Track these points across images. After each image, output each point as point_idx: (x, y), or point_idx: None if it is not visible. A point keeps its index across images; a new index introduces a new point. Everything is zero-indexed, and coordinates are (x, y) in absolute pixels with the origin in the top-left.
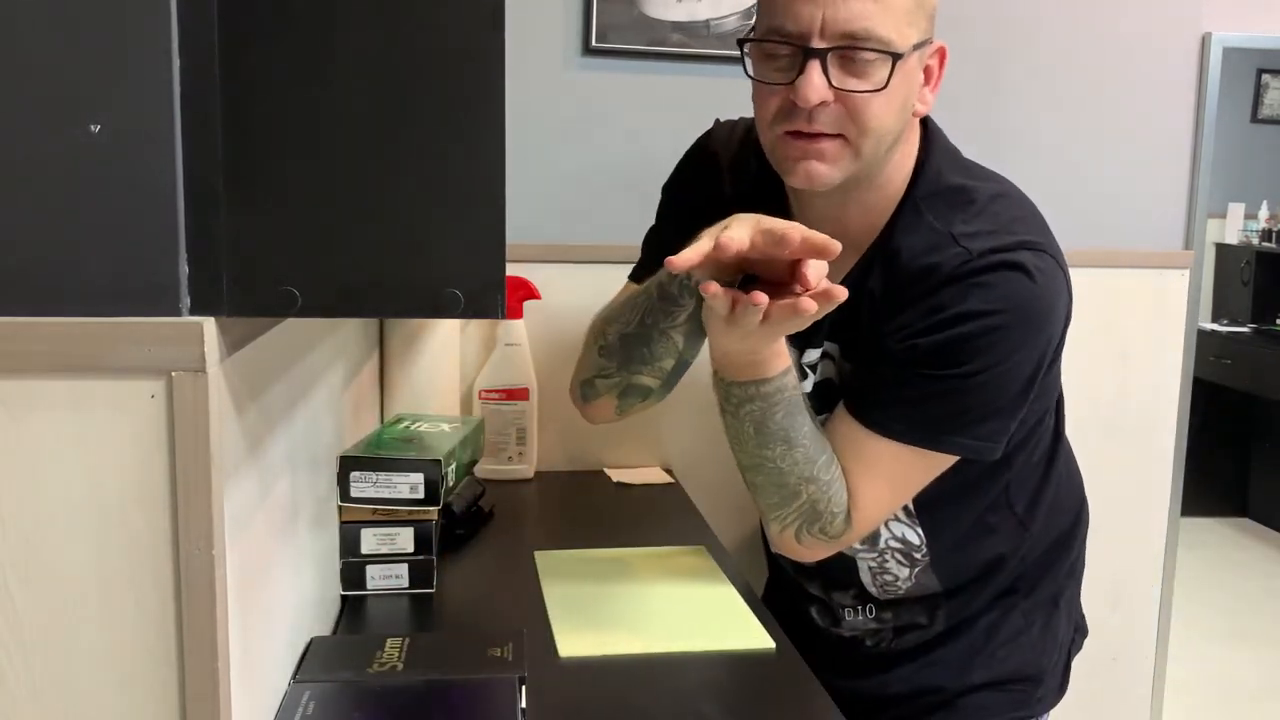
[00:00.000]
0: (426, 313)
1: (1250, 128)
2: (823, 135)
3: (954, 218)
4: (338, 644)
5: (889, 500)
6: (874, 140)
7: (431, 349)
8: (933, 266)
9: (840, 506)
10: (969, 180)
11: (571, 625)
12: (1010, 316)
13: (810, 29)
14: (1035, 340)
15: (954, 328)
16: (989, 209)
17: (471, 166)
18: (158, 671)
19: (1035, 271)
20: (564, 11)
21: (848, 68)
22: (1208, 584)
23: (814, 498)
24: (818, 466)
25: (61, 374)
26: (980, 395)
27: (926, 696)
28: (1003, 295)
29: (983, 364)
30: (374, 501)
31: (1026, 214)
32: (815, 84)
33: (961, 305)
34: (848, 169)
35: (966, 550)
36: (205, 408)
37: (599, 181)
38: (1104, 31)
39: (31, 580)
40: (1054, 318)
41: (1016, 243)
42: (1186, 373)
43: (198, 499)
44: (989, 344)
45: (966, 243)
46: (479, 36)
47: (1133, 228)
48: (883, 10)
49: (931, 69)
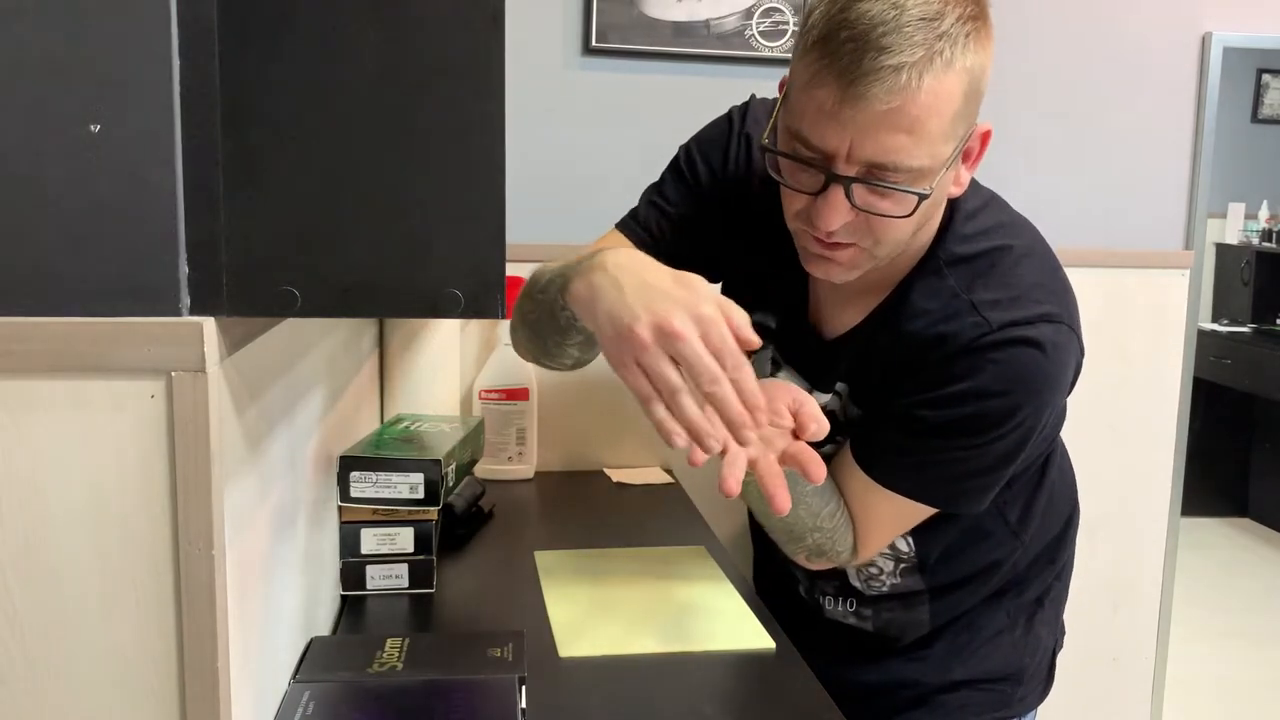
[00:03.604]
0: (426, 313)
1: (1250, 128)
2: (839, 245)
3: (975, 283)
4: (338, 644)
5: (892, 534)
6: (892, 247)
7: (431, 349)
8: (949, 335)
9: (845, 546)
10: (994, 240)
11: (571, 625)
12: (1021, 394)
13: (837, 153)
14: (1040, 410)
15: (964, 405)
16: (1013, 273)
17: (471, 166)
18: (158, 671)
19: (1050, 347)
20: (564, 11)
21: (874, 190)
22: (1208, 584)
23: (819, 542)
24: (822, 518)
25: (61, 374)
26: (982, 462)
27: (905, 691)
28: (1016, 374)
29: (989, 437)
30: (374, 501)
31: (1048, 278)
32: (835, 213)
33: (973, 381)
34: (864, 268)
35: (957, 558)
36: (205, 408)
37: (599, 181)
38: (1104, 31)
39: (31, 580)
40: (1061, 387)
41: (1036, 316)
42: (1186, 373)
43: (198, 499)
44: (997, 420)
45: (986, 312)
46: (479, 37)
47: (1133, 228)
48: (916, 141)
49: (972, 150)
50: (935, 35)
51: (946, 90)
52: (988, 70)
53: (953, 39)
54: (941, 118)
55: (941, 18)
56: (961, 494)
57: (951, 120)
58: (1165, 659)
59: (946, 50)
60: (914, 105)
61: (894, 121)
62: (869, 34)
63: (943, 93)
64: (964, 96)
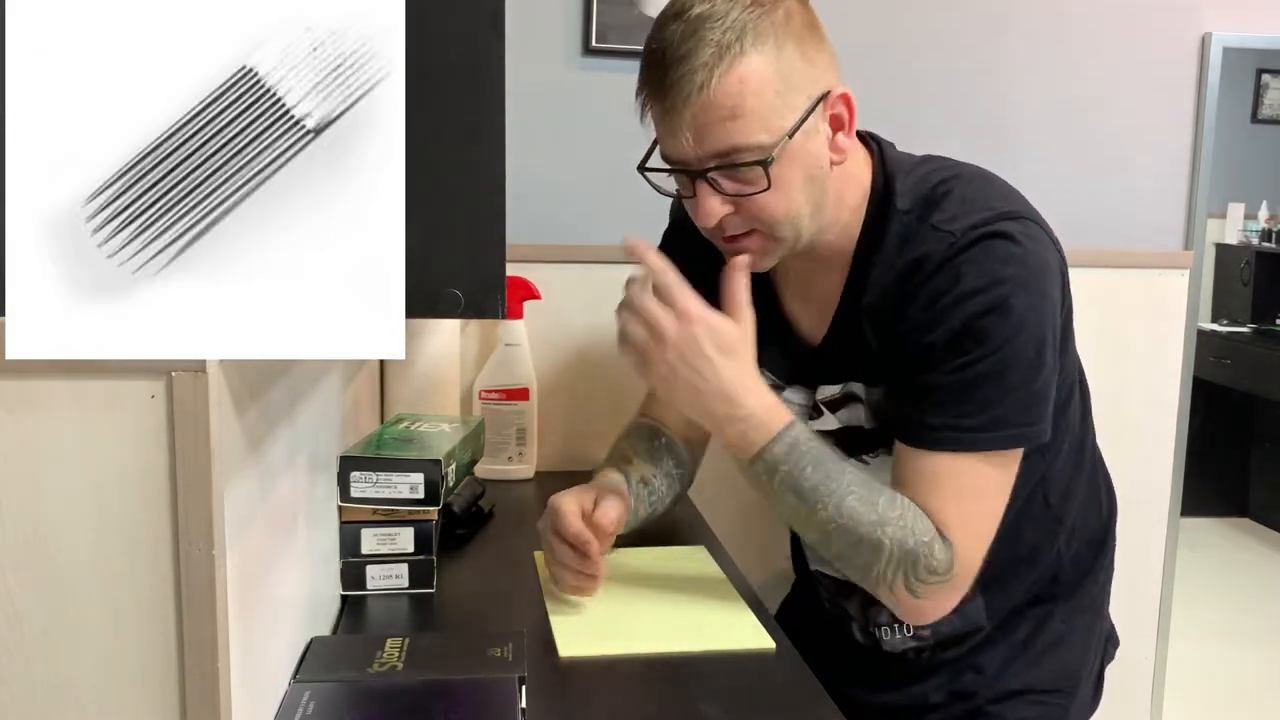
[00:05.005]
0: (426, 313)
1: (1250, 128)
2: (739, 236)
3: (928, 213)
4: (338, 644)
5: (978, 516)
6: (788, 225)
7: (431, 349)
8: (920, 259)
9: (928, 533)
10: (940, 176)
11: (571, 625)
12: (1010, 285)
13: (686, 155)
14: (1039, 304)
15: (959, 309)
16: (960, 194)
17: (472, 167)
18: (158, 671)
19: (1021, 236)
20: (564, 11)
21: (732, 177)
22: (1208, 584)
23: (896, 538)
24: (880, 506)
25: (61, 374)
26: (1010, 375)
27: (960, 703)
28: (995, 266)
29: (1000, 338)
30: (374, 501)
31: (999, 190)
32: (706, 207)
33: (959, 286)
34: (780, 251)
35: (1001, 543)
36: (205, 408)
37: (599, 181)
38: (1104, 31)
39: (31, 580)
40: (1049, 276)
41: (995, 215)
42: (1186, 373)
43: (198, 499)
44: (1000, 317)
45: (946, 227)
46: (479, 38)
47: (1133, 228)
48: (743, 124)
49: (840, 117)
50: (722, 30)
51: (751, 72)
52: (803, 38)
53: (739, 29)
54: (759, 96)
55: (725, 15)
56: (1003, 422)
57: (774, 95)
58: (1165, 659)
59: (735, 42)
60: (722, 95)
61: (711, 115)
62: (667, 51)
63: (747, 76)
64: (776, 72)
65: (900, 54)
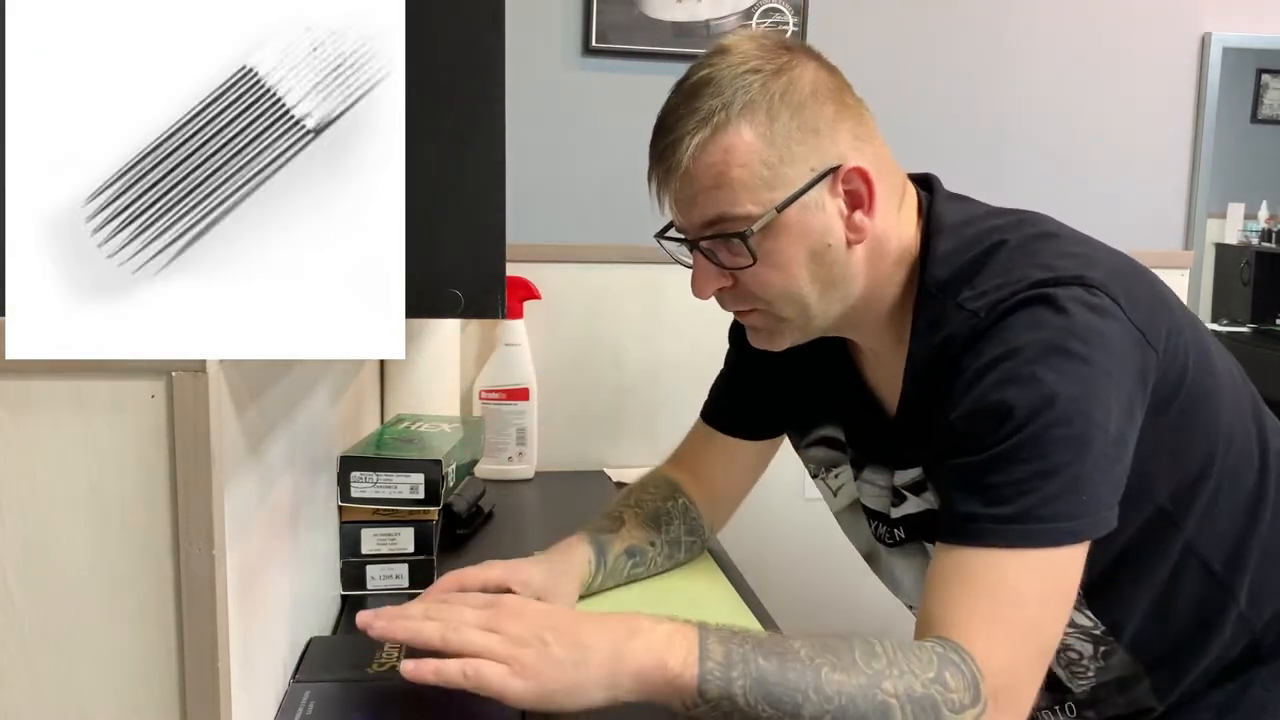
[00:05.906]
0: (426, 313)
1: (1250, 128)
2: (742, 313)
3: (958, 289)
4: (338, 644)
5: (1014, 623)
6: (788, 303)
7: (431, 349)
8: (945, 341)
9: (930, 666)
10: (983, 242)
11: None
12: (1033, 352)
13: (683, 226)
14: (1084, 373)
15: (976, 385)
16: (1002, 262)
17: (472, 166)
18: (158, 671)
19: (1068, 302)
20: (564, 11)
21: (724, 248)
22: None
23: (899, 691)
24: (860, 663)
25: (61, 374)
26: (1046, 455)
27: None
28: (1016, 335)
29: (1024, 414)
30: (374, 501)
31: (1055, 250)
32: (698, 277)
33: (978, 361)
34: (791, 330)
35: (1155, 624)
36: (205, 408)
37: (599, 181)
38: (1104, 31)
39: (31, 580)
40: (1105, 345)
41: (1027, 284)
42: None
43: (198, 499)
44: (1021, 389)
45: (971, 305)
46: (479, 38)
47: (1133, 228)
48: (727, 193)
49: (858, 194)
50: (710, 98)
51: (736, 142)
52: (807, 107)
53: (729, 97)
54: (746, 167)
55: (720, 82)
56: (1057, 504)
57: (762, 165)
58: None
59: (721, 110)
60: (705, 165)
61: (697, 183)
62: (663, 122)
63: (732, 146)
64: (763, 140)
65: (900, 54)
